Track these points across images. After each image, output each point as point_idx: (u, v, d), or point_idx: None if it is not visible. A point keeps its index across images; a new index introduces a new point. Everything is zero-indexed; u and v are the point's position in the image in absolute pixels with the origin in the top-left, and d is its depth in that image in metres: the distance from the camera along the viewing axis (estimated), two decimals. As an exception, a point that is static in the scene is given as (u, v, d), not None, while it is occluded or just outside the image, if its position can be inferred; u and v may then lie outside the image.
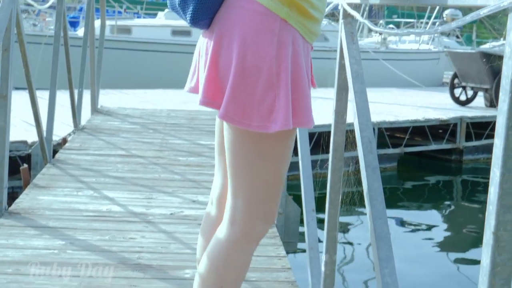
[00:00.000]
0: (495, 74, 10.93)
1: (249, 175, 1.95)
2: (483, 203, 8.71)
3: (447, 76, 18.52)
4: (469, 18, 1.46)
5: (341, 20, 2.60)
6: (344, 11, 2.57)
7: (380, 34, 17.79)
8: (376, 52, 16.95)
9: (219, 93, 1.87)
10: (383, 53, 17.53)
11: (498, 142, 1.28)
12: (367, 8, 18.76)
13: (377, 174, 2.20)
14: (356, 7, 2.54)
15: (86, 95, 7.36)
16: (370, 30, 23.85)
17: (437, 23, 20.22)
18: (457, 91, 12.14)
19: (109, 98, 10.15)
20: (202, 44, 1.94)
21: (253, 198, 1.97)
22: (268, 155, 1.93)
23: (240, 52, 1.81)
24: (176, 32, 15.44)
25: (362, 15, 17.21)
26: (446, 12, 25.47)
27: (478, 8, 1.39)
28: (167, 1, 1.99)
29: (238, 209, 1.98)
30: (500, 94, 1.28)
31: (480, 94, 12.03)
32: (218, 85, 1.87)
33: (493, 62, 10.99)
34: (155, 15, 19.45)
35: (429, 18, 20.62)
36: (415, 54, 18.72)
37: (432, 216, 8.43)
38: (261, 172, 1.95)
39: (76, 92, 6.72)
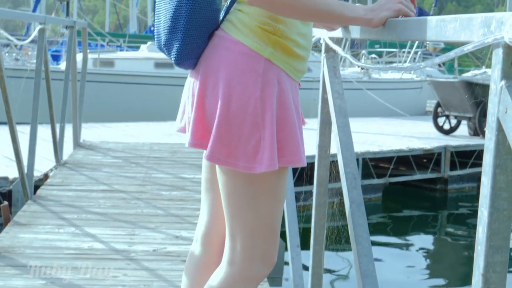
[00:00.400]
0: (478, 103, 10.98)
1: (245, 217, 1.95)
2: (470, 236, 8.70)
3: (430, 105, 18.62)
4: (452, 54, 1.44)
5: (323, 54, 2.58)
6: (326, 45, 2.55)
7: (362, 69, 17.87)
8: (359, 82, 17.01)
9: (206, 134, 1.89)
10: (366, 82, 17.59)
11: (486, 181, 1.25)
12: (349, 39, 18.83)
13: (361, 210, 2.17)
14: (338, 40, 2.52)
15: (69, 129, 7.30)
16: (355, 57, 23.97)
17: (419, 53, 20.37)
18: (441, 120, 12.18)
19: (91, 131, 10.09)
20: (189, 84, 1.97)
21: (250, 239, 1.96)
22: (262, 196, 1.93)
23: (225, 93, 1.83)
24: (159, 64, 15.44)
25: (344, 46, 17.32)
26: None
27: (462, 44, 1.36)
28: (155, 40, 2.01)
29: (237, 251, 1.97)
30: (487, 132, 1.25)
31: (464, 122, 12.07)
32: (205, 126, 1.89)
33: (476, 91, 11.03)
34: (138, 47, 19.46)
35: (411, 47, 20.75)
36: (398, 83, 18.81)
37: (418, 247, 8.38)
38: (257, 213, 1.95)
39: (58, 126, 6.67)
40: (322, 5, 1.79)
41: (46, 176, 6.23)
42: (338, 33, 2.28)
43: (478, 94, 10.93)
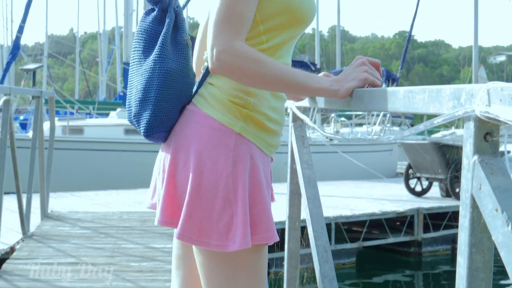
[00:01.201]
0: (449, 164, 11.02)
1: None
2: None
3: (401, 167, 18.70)
4: (422, 127, 1.39)
5: (290, 124, 2.53)
6: (294, 114, 2.50)
7: (331, 140, 17.98)
8: (332, 145, 17.05)
9: (177, 211, 1.84)
10: (337, 145, 17.65)
11: (462, 261, 1.18)
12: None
13: (334, 285, 2.09)
14: (306, 109, 2.48)
15: (36, 199, 7.15)
16: (325, 120, 24.15)
17: (388, 115, 20.51)
18: (412, 182, 12.18)
19: (60, 201, 9.91)
20: (160, 159, 1.93)
21: None
22: (242, 275, 1.86)
23: (196, 168, 1.79)
24: (129, 131, 15.38)
25: (314, 110, 17.40)
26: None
27: (432, 116, 1.32)
28: (126, 112, 1.97)
29: None
30: (460, 208, 1.19)
31: (436, 184, 12.09)
32: (176, 203, 1.84)
33: (446, 152, 11.08)
34: (107, 114, 19.42)
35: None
36: (369, 145, 18.89)
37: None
38: None
39: (24, 196, 6.53)
40: (287, 75, 1.75)
41: (12, 249, 6.06)
42: (306, 102, 2.24)
43: (448, 155, 10.98)
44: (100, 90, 29.80)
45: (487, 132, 1.16)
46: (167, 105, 1.86)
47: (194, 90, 1.92)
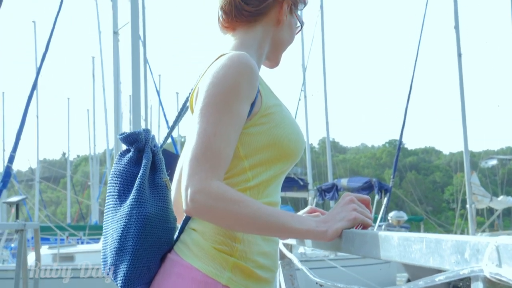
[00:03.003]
0: (451, 284, 10.71)
1: None
2: None
3: (400, 279, 18.31)
4: (422, 283, 1.21)
5: (278, 262, 2.34)
6: (281, 252, 2.32)
7: (321, 286, 17.74)
8: (330, 260, 16.76)
9: None
10: (335, 260, 17.32)
11: None
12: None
13: None
14: (294, 246, 2.29)
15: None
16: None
17: (383, 226, 20.31)
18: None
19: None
20: None
21: None
22: None
23: None
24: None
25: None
26: (391, 214, 25.75)
27: (434, 271, 1.14)
28: (102, 264, 1.79)
29: None
30: None
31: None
32: None
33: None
34: (98, 239, 19.14)
35: (374, 222, 20.72)
36: (366, 259, 18.56)
37: None
38: None
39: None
40: (269, 217, 1.59)
41: None
42: (293, 239, 2.07)
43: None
44: (92, 214, 29.59)
45: (499, 294, 0.98)
46: (146, 254, 1.68)
47: (175, 236, 1.75)
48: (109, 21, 15.50)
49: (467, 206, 27.65)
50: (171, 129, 2.01)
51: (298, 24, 2.02)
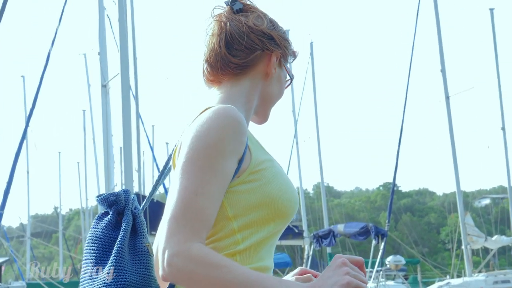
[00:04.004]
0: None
1: None
2: None
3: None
4: None
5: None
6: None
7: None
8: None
9: None
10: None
11: None
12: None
13: None
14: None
15: None
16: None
17: (381, 272, 20.06)
18: None
19: None
20: None
21: None
22: None
23: None
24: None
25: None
26: (389, 259, 25.50)
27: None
28: None
29: None
30: None
31: None
32: None
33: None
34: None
35: (372, 266, 20.45)
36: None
37: None
38: None
39: None
40: (254, 283, 1.46)
41: None
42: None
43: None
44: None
45: None
46: None
47: None
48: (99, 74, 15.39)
49: (462, 247, 27.43)
50: (154, 189, 1.84)
51: (288, 77, 1.91)
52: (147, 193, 18.46)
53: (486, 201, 62.44)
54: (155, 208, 10.44)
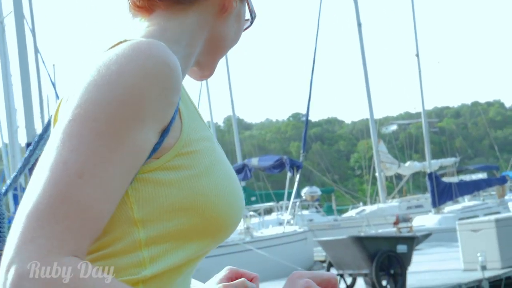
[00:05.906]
0: (372, 257, 10.34)
1: None
2: None
3: (317, 254, 18.06)
4: None
5: None
6: None
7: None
8: (245, 243, 16.28)
9: None
10: (249, 243, 16.83)
11: None
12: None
13: None
14: None
15: None
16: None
17: (297, 203, 20.05)
18: (335, 279, 11.48)
19: None
20: None
21: None
22: None
23: None
24: None
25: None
26: (304, 190, 25.56)
27: None
28: None
29: None
30: None
31: (360, 279, 11.40)
32: None
33: (367, 245, 10.43)
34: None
35: (288, 199, 20.37)
36: (282, 238, 18.22)
37: None
38: None
39: None
40: None
41: None
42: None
43: (370, 248, 10.34)
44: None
45: None
46: None
47: None
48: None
49: (376, 174, 27.78)
50: (23, 167, 1.22)
51: (248, 16, 1.30)
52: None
53: (393, 127, 63.98)
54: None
